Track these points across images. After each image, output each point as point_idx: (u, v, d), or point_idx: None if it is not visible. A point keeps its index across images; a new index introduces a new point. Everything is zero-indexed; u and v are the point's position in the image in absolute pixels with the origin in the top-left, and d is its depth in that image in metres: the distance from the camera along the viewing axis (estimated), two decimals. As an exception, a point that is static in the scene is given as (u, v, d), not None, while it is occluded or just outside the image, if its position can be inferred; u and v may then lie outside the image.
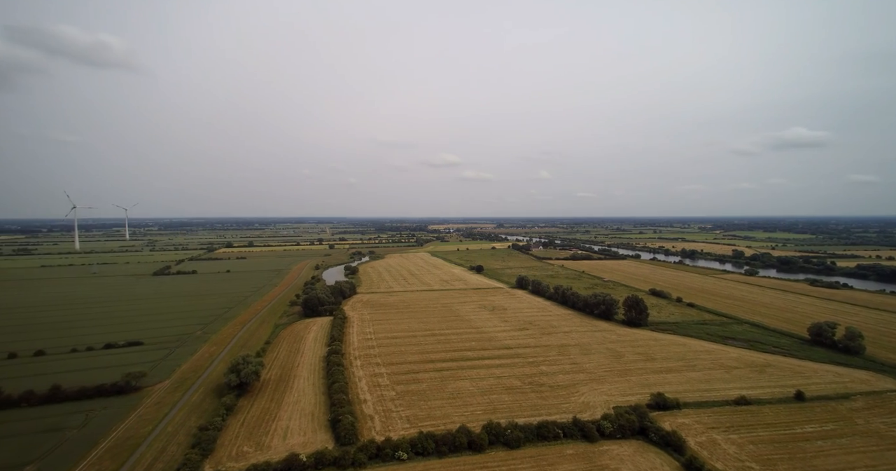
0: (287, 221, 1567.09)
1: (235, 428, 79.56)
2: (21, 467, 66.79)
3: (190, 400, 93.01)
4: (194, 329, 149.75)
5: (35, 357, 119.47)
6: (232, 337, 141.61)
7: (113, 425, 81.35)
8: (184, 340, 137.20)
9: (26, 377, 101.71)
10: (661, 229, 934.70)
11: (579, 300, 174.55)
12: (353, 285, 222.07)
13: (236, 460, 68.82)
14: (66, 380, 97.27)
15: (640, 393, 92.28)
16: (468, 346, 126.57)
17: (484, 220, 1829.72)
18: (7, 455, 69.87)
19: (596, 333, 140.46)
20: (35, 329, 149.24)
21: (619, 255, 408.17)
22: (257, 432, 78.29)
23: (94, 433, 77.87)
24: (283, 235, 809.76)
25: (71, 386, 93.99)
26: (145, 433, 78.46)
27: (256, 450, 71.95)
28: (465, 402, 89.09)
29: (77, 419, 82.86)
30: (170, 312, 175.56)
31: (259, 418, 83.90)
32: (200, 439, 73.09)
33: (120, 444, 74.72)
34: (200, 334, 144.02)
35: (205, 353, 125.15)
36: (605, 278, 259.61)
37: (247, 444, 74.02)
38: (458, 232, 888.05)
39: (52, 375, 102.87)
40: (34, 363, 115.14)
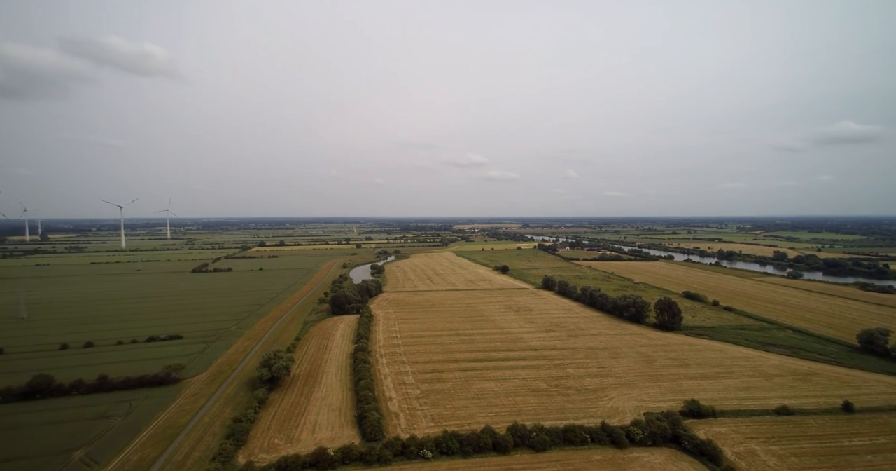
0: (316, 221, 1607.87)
1: (267, 421, 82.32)
2: (71, 451, 71.60)
3: (225, 392, 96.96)
4: (229, 324, 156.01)
5: (84, 349, 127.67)
6: (264, 333, 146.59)
7: (155, 414, 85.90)
8: (220, 334, 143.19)
9: (76, 367, 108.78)
10: (695, 230, 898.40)
11: (608, 302, 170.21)
12: (379, 284, 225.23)
13: (268, 452, 71.19)
14: (113, 370, 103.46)
15: (673, 399, 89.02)
16: (493, 346, 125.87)
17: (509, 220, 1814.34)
18: (59, 440, 75.02)
19: (625, 337, 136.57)
20: (85, 322, 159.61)
21: (650, 256, 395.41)
22: (287, 425, 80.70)
23: (138, 421, 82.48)
24: (312, 234, 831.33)
25: (117, 376, 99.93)
26: (184, 423, 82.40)
27: (287, 443, 74.19)
28: (490, 403, 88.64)
29: (122, 408, 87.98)
30: (207, 308, 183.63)
31: (289, 411, 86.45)
32: (234, 430, 76.10)
33: (161, 432, 78.81)
34: (235, 329, 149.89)
35: (239, 347, 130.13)
36: (636, 280, 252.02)
37: (278, 436, 76.44)
38: (483, 232, 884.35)
39: (100, 365, 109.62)
40: (83, 354, 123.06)
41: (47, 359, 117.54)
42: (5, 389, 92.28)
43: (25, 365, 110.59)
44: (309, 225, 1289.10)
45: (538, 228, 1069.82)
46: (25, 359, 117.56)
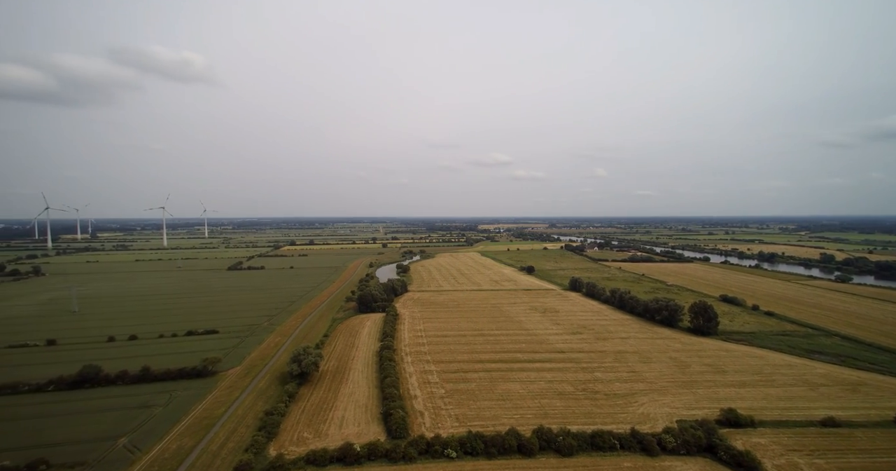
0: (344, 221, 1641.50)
1: (297, 415, 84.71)
2: (117, 438, 76.11)
3: (257, 386, 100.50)
4: (262, 320, 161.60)
5: (129, 341, 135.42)
6: (294, 329, 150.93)
7: (192, 405, 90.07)
8: (253, 330, 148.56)
9: (121, 359, 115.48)
10: (733, 230, 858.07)
11: (638, 305, 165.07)
12: (404, 283, 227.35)
13: (297, 445, 73.27)
14: (155, 362, 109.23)
15: (708, 408, 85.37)
16: (518, 347, 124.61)
17: (535, 219, 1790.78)
18: (106, 427, 79.91)
19: (657, 341, 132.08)
20: (130, 316, 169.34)
21: (684, 257, 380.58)
22: (316, 419, 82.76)
23: (177, 411, 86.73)
24: (340, 234, 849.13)
25: (158, 368, 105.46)
26: (219, 414, 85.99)
27: (315, 437, 76.10)
28: (515, 404, 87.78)
29: (163, 398, 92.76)
30: (241, 304, 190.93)
31: (317, 406, 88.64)
32: (266, 422, 78.76)
33: (198, 422, 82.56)
34: (267, 325, 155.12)
35: (270, 343, 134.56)
36: (669, 282, 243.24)
37: (306, 430, 78.53)
38: (508, 232, 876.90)
39: (143, 357, 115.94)
40: (128, 346, 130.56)
41: (96, 350, 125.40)
42: (57, 377, 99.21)
43: (76, 356, 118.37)
44: (337, 225, 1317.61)
45: (565, 228, 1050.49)
46: (76, 350, 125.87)
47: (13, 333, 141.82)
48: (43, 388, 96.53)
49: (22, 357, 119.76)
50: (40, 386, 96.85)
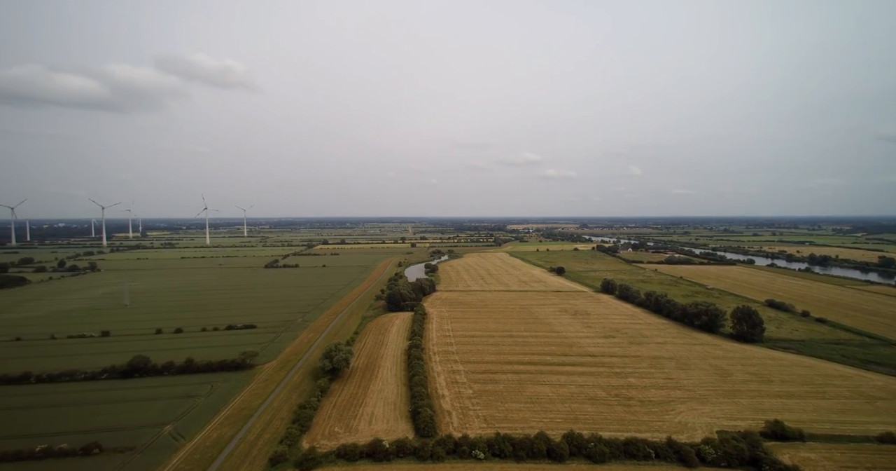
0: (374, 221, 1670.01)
1: (328, 409, 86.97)
2: (163, 425, 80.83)
3: (291, 380, 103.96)
4: (296, 317, 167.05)
5: (175, 334, 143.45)
6: (326, 326, 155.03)
7: (232, 396, 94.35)
8: (287, 325, 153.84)
9: (168, 350, 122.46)
10: (781, 231, 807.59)
11: (676, 309, 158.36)
12: (432, 283, 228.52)
13: (328, 439, 75.21)
14: (197, 354, 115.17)
15: (752, 419, 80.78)
16: (548, 350, 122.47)
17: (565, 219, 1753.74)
18: (153, 415, 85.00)
19: (696, 347, 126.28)
20: (176, 310, 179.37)
21: (725, 259, 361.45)
22: (346, 415, 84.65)
23: (217, 402, 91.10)
24: (370, 233, 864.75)
25: (201, 360, 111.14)
26: (256, 406, 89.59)
27: (345, 432, 77.85)
28: (544, 408, 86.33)
29: (205, 389, 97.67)
30: (277, 301, 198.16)
31: (348, 401, 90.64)
32: (299, 416, 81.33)
33: (236, 413, 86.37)
34: (301, 322, 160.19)
35: (304, 339, 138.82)
36: (709, 286, 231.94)
37: (337, 425, 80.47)
38: (537, 232, 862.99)
39: (187, 349, 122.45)
40: (174, 339, 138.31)
41: (145, 342, 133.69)
42: (110, 367, 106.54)
43: (127, 346, 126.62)
44: (367, 224, 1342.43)
45: (597, 229, 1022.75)
46: (127, 341, 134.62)
47: (72, 325, 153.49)
48: (97, 376, 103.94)
49: (79, 347, 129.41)
50: (95, 374, 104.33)
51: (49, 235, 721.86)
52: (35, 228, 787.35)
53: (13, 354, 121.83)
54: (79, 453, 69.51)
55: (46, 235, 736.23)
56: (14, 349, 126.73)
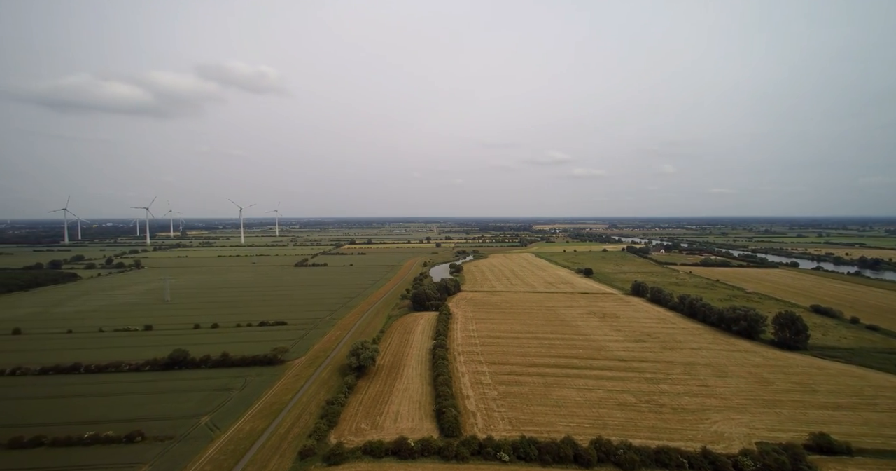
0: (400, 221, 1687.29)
1: (355, 406, 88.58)
2: (200, 416, 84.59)
3: (320, 376, 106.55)
4: (324, 314, 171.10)
5: (211, 329, 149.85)
6: (353, 324, 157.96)
7: (264, 390, 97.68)
8: (316, 323, 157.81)
9: (205, 345, 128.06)
10: (828, 232, 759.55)
11: (712, 313, 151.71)
12: (457, 283, 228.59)
13: (355, 435, 76.61)
14: (232, 349, 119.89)
15: (794, 430, 76.38)
16: (574, 353, 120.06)
17: (594, 220, 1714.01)
18: (191, 406, 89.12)
19: (734, 354, 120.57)
20: (212, 306, 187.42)
21: (767, 262, 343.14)
22: (372, 412, 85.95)
23: (251, 395, 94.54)
24: (396, 233, 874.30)
25: (235, 354, 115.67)
26: (286, 400, 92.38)
27: (371, 428, 79.06)
28: (571, 412, 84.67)
29: (239, 382, 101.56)
30: (306, 299, 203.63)
31: (374, 399, 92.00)
32: (327, 411, 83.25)
33: (268, 407, 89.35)
34: (329, 319, 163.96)
35: (331, 336, 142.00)
36: (748, 290, 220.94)
37: (364, 421, 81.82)
38: (564, 232, 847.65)
39: (223, 344, 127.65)
40: (211, 334, 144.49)
41: (184, 336, 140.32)
42: (152, 359, 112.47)
43: (167, 340, 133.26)
44: (393, 224, 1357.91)
45: (627, 229, 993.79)
46: (167, 335, 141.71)
47: (118, 319, 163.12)
48: (140, 368, 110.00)
49: (124, 340, 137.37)
50: (138, 366, 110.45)
51: (98, 234, 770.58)
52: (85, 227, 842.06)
53: (66, 345, 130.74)
54: (123, 441, 73.79)
55: (96, 234, 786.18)
56: (66, 341, 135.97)
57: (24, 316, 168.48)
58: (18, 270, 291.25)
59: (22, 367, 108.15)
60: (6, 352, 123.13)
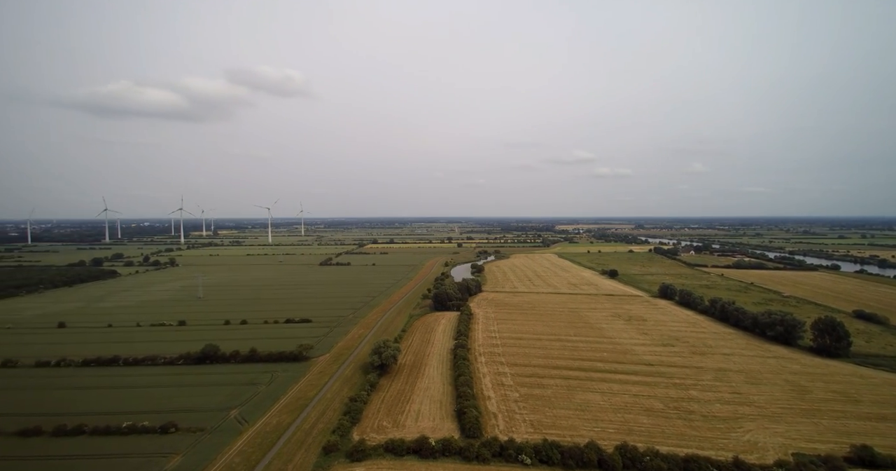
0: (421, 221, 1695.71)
1: (377, 404, 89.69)
2: (229, 409, 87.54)
3: (343, 373, 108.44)
4: (347, 313, 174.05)
5: (240, 325, 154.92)
6: (375, 322, 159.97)
7: (289, 385, 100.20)
8: (339, 321, 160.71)
9: (234, 340, 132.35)
10: (873, 233, 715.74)
11: (746, 317, 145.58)
12: (478, 283, 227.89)
13: (377, 433, 77.56)
14: (259, 345, 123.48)
15: (834, 442, 72.40)
16: (599, 356, 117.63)
17: (619, 220, 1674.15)
18: (221, 399, 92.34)
19: (769, 360, 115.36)
20: (242, 303, 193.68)
21: (805, 264, 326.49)
22: (394, 410, 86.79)
23: (277, 391, 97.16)
24: (417, 233, 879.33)
25: (263, 350, 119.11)
26: (311, 396, 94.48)
27: (393, 426, 79.85)
28: (595, 416, 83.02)
29: (266, 377, 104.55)
30: (330, 297, 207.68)
31: (396, 397, 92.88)
32: (350, 408, 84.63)
33: (293, 402, 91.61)
34: (352, 317, 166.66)
35: (354, 334, 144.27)
36: (784, 293, 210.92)
37: (385, 419, 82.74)
38: (588, 233, 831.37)
39: (251, 340, 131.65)
40: (240, 330, 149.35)
41: (214, 331, 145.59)
42: (185, 353, 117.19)
43: (199, 335, 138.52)
44: (415, 224, 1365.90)
45: (654, 230, 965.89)
46: (200, 330, 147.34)
47: (155, 314, 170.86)
48: (174, 361, 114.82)
49: (160, 334, 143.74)
50: (172, 360, 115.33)
51: (136, 233, 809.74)
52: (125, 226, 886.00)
53: (106, 339, 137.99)
54: (158, 431, 77.20)
55: (134, 233, 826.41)
56: (107, 334, 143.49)
57: (69, 310, 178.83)
58: (63, 267, 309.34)
59: (66, 359, 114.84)
60: (52, 344, 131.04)
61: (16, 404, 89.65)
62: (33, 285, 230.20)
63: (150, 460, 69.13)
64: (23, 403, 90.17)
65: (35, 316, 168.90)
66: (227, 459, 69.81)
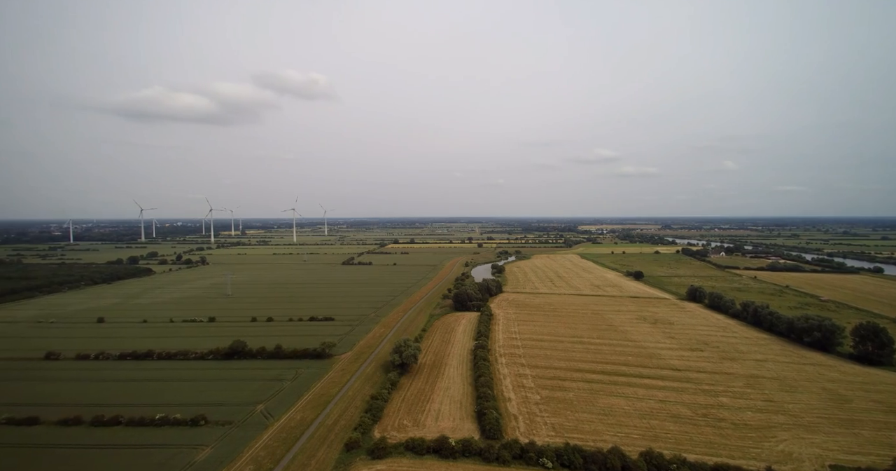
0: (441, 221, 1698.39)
1: (398, 402, 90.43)
2: (255, 404, 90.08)
3: (365, 371, 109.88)
4: (368, 311, 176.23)
5: (266, 322, 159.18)
6: (396, 322, 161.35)
7: (313, 382, 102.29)
8: (361, 319, 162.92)
9: (260, 337, 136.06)
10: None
11: (780, 322, 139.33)
12: (499, 284, 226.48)
13: (398, 431, 78.21)
14: (284, 342, 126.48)
15: (876, 454, 68.41)
16: (623, 360, 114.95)
17: (645, 220, 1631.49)
18: (248, 394, 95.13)
19: (805, 367, 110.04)
20: (268, 301, 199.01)
21: (845, 267, 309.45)
22: (414, 409, 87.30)
23: (301, 387, 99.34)
24: (438, 233, 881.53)
25: (288, 347, 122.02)
26: (333, 393, 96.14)
27: (413, 425, 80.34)
28: (619, 421, 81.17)
29: (290, 374, 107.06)
30: (352, 296, 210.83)
31: (416, 396, 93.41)
32: (371, 406, 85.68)
33: (317, 398, 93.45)
34: (373, 316, 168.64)
35: (376, 333, 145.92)
36: (823, 297, 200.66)
37: (406, 418, 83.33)
38: (612, 233, 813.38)
39: (276, 337, 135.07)
40: (266, 327, 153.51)
41: (242, 328, 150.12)
42: (215, 349, 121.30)
43: (228, 331, 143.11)
44: (435, 224, 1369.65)
45: (682, 230, 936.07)
46: (228, 327, 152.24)
47: (187, 310, 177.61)
48: (205, 356, 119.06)
49: (191, 330, 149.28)
50: (203, 355, 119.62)
51: (169, 233, 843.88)
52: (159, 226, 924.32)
53: (141, 333, 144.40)
54: (188, 423, 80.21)
55: (167, 232, 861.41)
56: (142, 330, 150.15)
57: (107, 306, 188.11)
58: (103, 265, 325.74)
59: (104, 352, 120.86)
60: (92, 338, 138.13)
61: (58, 394, 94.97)
62: (75, 282, 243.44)
63: (181, 451, 71.92)
64: (64, 393, 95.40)
65: (76, 311, 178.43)
66: (253, 453, 71.86)
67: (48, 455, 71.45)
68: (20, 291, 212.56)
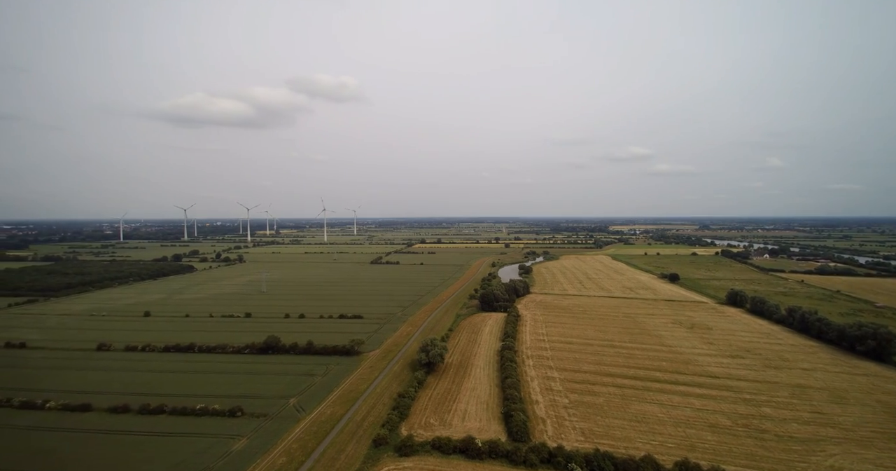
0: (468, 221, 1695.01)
1: (424, 401, 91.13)
2: (288, 398, 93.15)
3: (392, 369, 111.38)
4: (396, 310, 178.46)
5: (299, 319, 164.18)
6: (423, 321, 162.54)
7: (342, 378, 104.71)
8: (389, 318, 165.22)
9: (293, 333, 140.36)
10: None
11: (830, 329, 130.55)
12: (526, 285, 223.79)
13: (424, 429, 78.82)
14: (316, 338, 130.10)
15: (944, 478, 62.83)
16: (657, 365, 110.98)
17: (681, 220, 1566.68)
18: (282, 388, 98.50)
19: (858, 378, 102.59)
20: (300, 298, 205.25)
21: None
22: (441, 408, 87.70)
23: (331, 382, 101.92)
24: (465, 233, 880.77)
25: (319, 343, 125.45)
26: (362, 390, 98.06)
27: (440, 424, 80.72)
28: (652, 429, 78.46)
29: (321, 369, 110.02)
30: (380, 295, 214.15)
31: (442, 396, 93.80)
32: (399, 404, 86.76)
33: (346, 394, 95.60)
34: (400, 315, 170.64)
35: (403, 332, 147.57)
36: (878, 304, 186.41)
37: (433, 417, 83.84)
38: (645, 234, 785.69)
39: (308, 333, 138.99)
40: (298, 323, 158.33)
41: (276, 324, 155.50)
42: (251, 343, 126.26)
43: (263, 327, 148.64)
44: (462, 224, 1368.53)
45: (722, 231, 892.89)
46: (263, 323, 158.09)
47: (225, 306, 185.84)
48: (241, 350, 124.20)
49: (229, 325, 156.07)
50: (239, 349, 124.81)
51: (210, 232, 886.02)
52: (200, 226, 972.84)
53: (184, 327, 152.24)
54: (226, 414, 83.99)
55: (208, 231, 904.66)
56: (184, 324, 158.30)
57: (153, 301, 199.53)
58: (149, 262, 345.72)
59: (150, 344, 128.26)
60: (139, 331, 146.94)
61: (108, 383, 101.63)
62: (124, 278, 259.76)
63: (219, 440, 75.40)
64: (114, 383, 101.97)
65: (125, 305, 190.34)
66: (286, 445, 74.38)
67: (100, 440, 76.64)
68: (75, 285, 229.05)
